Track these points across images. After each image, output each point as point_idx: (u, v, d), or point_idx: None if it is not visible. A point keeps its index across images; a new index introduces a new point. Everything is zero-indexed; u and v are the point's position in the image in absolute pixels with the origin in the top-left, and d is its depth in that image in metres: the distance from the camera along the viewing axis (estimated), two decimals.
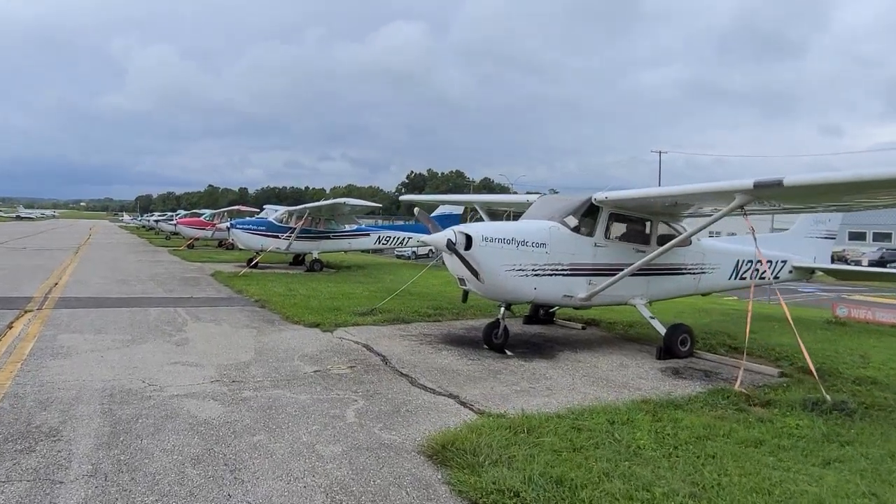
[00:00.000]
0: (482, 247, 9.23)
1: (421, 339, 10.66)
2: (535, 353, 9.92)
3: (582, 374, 8.63)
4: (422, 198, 16.68)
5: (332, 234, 25.68)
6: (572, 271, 9.92)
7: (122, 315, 12.38)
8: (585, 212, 10.10)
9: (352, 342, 10.24)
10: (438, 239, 9.39)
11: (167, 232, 51.05)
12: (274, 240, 24.45)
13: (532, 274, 9.60)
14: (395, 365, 8.75)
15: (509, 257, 9.40)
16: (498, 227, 9.73)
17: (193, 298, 15.25)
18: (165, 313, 12.77)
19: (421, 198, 16.71)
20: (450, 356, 9.43)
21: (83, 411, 6.32)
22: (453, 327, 12.08)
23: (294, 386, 7.52)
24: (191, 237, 38.79)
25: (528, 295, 9.73)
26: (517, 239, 9.46)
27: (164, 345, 9.68)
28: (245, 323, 11.88)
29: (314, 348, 9.68)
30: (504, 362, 9.15)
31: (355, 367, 8.58)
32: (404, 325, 12.03)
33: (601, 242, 10.18)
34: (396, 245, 27.52)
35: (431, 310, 13.74)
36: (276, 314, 13.08)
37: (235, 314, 12.96)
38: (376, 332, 11.16)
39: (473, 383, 7.93)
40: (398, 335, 11.00)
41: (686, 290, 11.58)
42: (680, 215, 11.10)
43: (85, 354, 8.86)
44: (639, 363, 9.41)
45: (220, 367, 8.37)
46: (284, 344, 9.96)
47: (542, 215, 10.37)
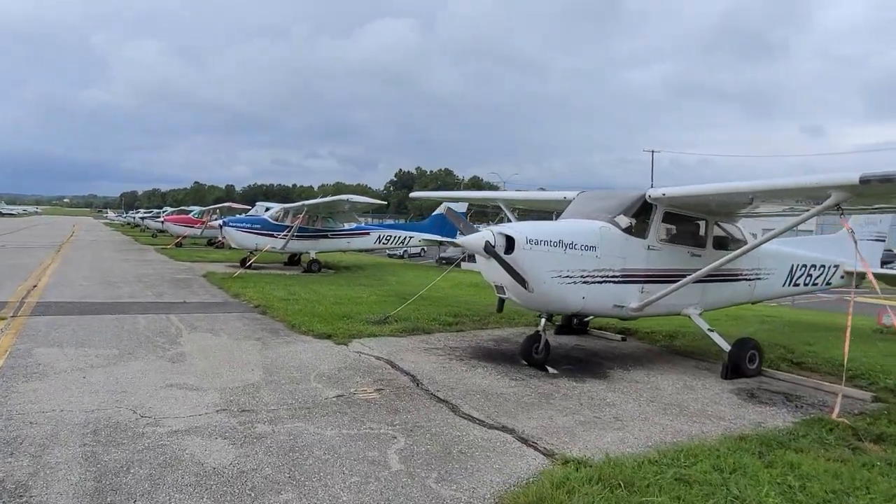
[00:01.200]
0: (526, 250, 8.03)
1: (448, 354, 9.44)
2: (582, 370, 8.73)
3: (647, 398, 7.45)
4: (435, 194, 15.33)
5: (331, 232, 24.36)
6: (624, 278, 8.74)
7: (108, 323, 11.04)
8: (637, 210, 8.93)
9: (372, 357, 9.00)
10: (474, 241, 8.18)
11: (154, 229, 49.40)
12: (269, 239, 23.09)
13: (580, 281, 8.41)
14: (429, 387, 7.53)
15: (556, 262, 8.21)
16: (542, 227, 8.53)
17: (186, 304, 13.92)
18: (156, 321, 11.45)
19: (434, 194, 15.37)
20: (487, 375, 8.22)
21: (60, 457, 5.05)
22: (480, 338, 10.87)
23: (316, 416, 6.27)
24: (179, 235, 37.29)
25: (576, 305, 8.55)
26: (565, 241, 8.27)
27: (156, 361, 8.39)
28: (247, 333, 10.59)
29: (331, 365, 8.43)
30: (552, 383, 7.95)
31: (383, 390, 7.35)
32: (425, 337, 10.80)
33: (655, 245, 9.02)
34: (397, 244, 26.26)
35: (450, 317, 12.52)
36: (279, 322, 11.80)
37: (234, 322, 11.66)
38: (396, 345, 9.93)
39: (526, 411, 6.72)
40: (421, 348, 9.77)
41: (741, 298, 10.45)
42: (737, 215, 9.96)
43: (64, 374, 7.55)
44: (704, 384, 8.25)
45: (225, 390, 7.10)
46: (296, 360, 8.70)
47: (585, 214, 9.19)
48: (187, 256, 27.62)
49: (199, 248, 34.85)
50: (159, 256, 28.40)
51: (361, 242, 25.48)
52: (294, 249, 24.02)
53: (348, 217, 24.35)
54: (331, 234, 24.37)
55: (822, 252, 11.95)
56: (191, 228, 37.40)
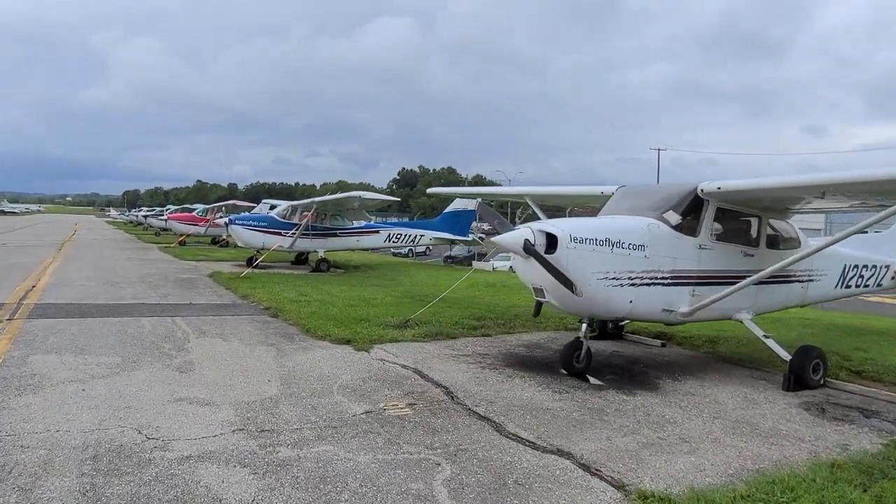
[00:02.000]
0: (570, 249, 7.28)
1: (479, 362, 8.70)
2: (628, 381, 7.98)
3: (709, 414, 6.69)
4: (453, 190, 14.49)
5: (340, 231, 23.61)
6: (674, 279, 7.99)
7: (110, 327, 10.32)
8: (687, 206, 8.17)
9: (397, 366, 8.26)
10: (511, 240, 7.43)
11: (157, 228, 48.70)
12: (277, 237, 22.34)
13: (628, 283, 7.66)
14: (465, 401, 6.79)
15: (602, 263, 7.46)
16: (587, 224, 7.78)
17: (192, 305, 13.19)
18: (162, 325, 10.72)
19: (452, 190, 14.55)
20: (527, 386, 7.47)
21: (54, 490, 4.32)
22: (509, 344, 10.12)
23: (345, 437, 5.54)
24: (182, 233, 36.56)
25: (622, 309, 7.79)
26: (612, 239, 7.52)
27: (163, 371, 7.65)
28: (259, 339, 9.85)
29: (354, 375, 7.69)
30: (601, 396, 7.20)
31: (416, 404, 6.61)
32: (451, 342, 10.05)
33: (706, 244, 8.26)
34: (408, 243, 25.50)
35: (474, 321, 11.77)
36: (293, 326, 11.06)
37: (245, 326, 10.92)
38: (422, 351, 9.19)
39: (580, 431, 5.98)
40: (449, 355, 9.03)
41: (793, 301, 9.69)
42: (791, 211, 9.21)
43: (62, 386, 6.82)
44: (767, 397, 7.49)
45: (241, 405, 6.37)
46: (315, 369, 7.96)
47: (629, 210, 8.44)
48: (192, 255, 26.90)
49: (203, 247, 34.14)
50: (163, 255, 27.69)
51: (371, 241, 24.73)
52: (302, 248, 23.29)
53: (358, 215, 23.60)
54: (340, 233, 23.63)
55: (871, 251, 11.19)
56: (195, 227, 36.68)
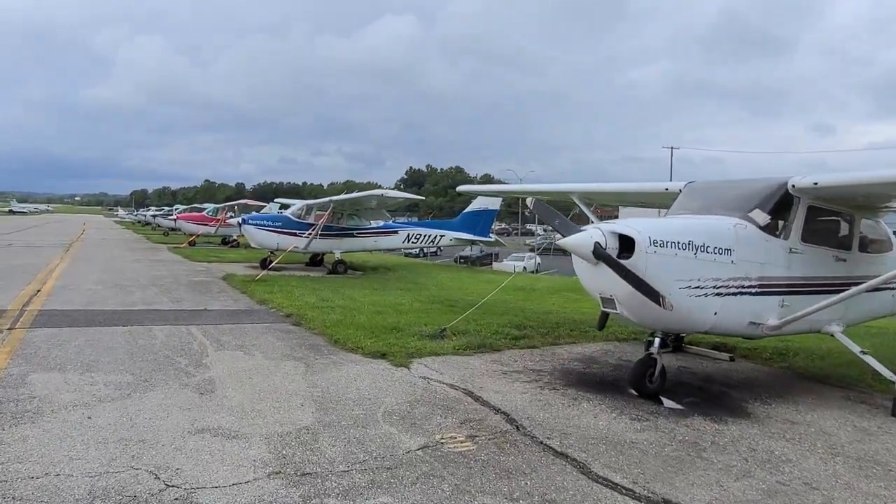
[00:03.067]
0: (649, 254, 6.30)
1: (534, 380, 7.71)
2: (711, 404, 6.97)
3: (825, 449, 5.68)
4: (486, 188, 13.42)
5: (357, 231, 22.68)
6: (761, 288, 6.98)
7: (120, 338, 9.39)
8: (775, 204, 7.16)
9: (444, 385, 7.28)
10: (579, 243, 6.45)
11: (165, 227, 48.00)
12: (291, 238, 21.44)
13: (713, 293, 6.67)
14: (534, 431, 5.81)
15: (685, 269, 6.47)
16: (666, 225, 6.80)
17: (207, 312, 12.26)
18: (176, 335, 9.79)
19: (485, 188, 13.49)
20: (598, 412, 6.47)
21: None
22: (560, 358, 9.12)
23: (404, 483, 4.57)
24: (192, 233, 35.76)
25: (705, 322, 6.80)
26: (695, 242, 6.53)
27: (180, 392, 6.70)
28: (284, 351, 8.90)
29: (398, 398, 6.72)
30: (688, 424, 6.19)
31: (477, 436, 5.63)
32: (496, 356, 9.07)
33: (797, 247, 7.25)
34: (427, 243, 24.55)
35: (514, 329, 10.79)
36: (318, 336, 10.10)
37: (266, 336, 9.98)
38: (467, 367, 8.21)
39: (680, 472, 4.99)
40: (498, 372, 8.05)
41: (884, 311, 8.68)
42: (886, 210, 8.19)
43: (64, 413, 5.88)
44: (880, 426, 6.46)
45: (273, 438, 5.41)
46: (352, 389, 7.00)
47: (706, 209, 7.45)
48: (203, 256, 26.03)
49: (214, 248, 33.32)
50: (173, 256, 26.84)
51: (389, 241, 23.78)
52: (317, 249, 22.37)
53: (375, 214, 22.64)
54: (357, 233, 22.69)
55: None
56: (205, 226, 35.85)
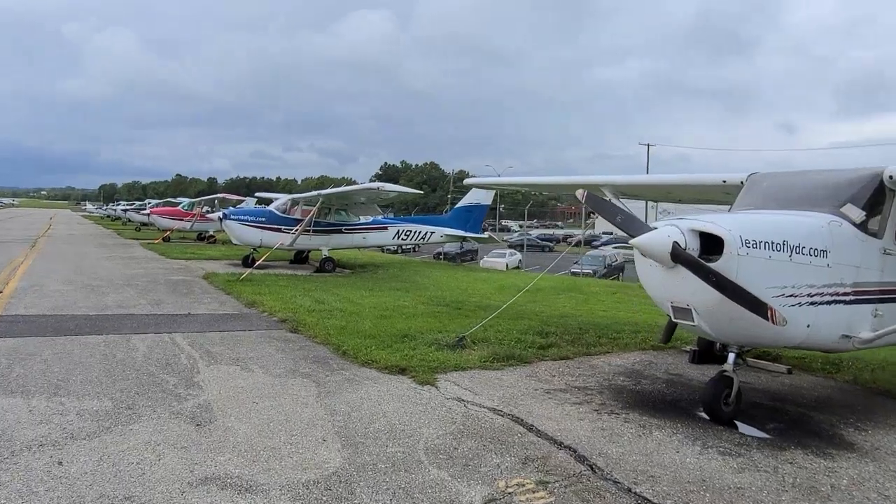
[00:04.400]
0: (742, 256, 5.29)
1: (584, 400, 6.67)
2: (800, 431, 5.98)
3: None
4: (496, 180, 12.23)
5: (345, 227, 21.46)
6: (856, 296, 6.03)
7: (94, 350, 8.13)
8: (870, 198, 6.21)
9: (485, 410, 6.19)
10: (654, 243, 5.43)
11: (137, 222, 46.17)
12: (277, 234, 20.16)
13: (807, 301, 5.69)
14: (614, 473, 4.75)
15: (779, 274, 5.49)
16: (757, 221, 5.79)
17: (192, 316, 11.00)
18: (159, 345, 8.55)
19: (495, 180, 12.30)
20: (680, 445, 5.45)
21: None
22: (600, 371, 8.09)
23: None
24: (167, 229, 34.12)
25: (797, 336, 5.82)
26: (790, 243, 5.55)
27: (172, 423, 5.52)
28: (287, 365, 7.74)
29: (437, 427, 5.62)
30: (791, 461, 5.19)
31: (549, 482, 4.56)
32: (529, 369, 8.01)
33: (891, 248, 6.32)
34: (418, 240, 23.41)
35: (537, 336, 9.74)
36: (322, 346, 8.95)
37: (263, 347, 8.79)
38: (502, 385, 7.13)
39: None
40: (540, 391, 6.98)
41: None
42: None
43: (27, 457, 4.67)
44: None
45: (298, 489, 4.28)
46: (378, 416, 5.88)
47: (780, 203, 6.48)
48: (180, 253, 24.54)
49: (190, 244, 31.77)
50: (147, 253, 25.31)
51: (379, 238, 22.61)
52: (304, 246, 21.10)
53: (365, 209, 21.44)
54: (345, 229, 21.48)
55: None
56: (180, 221, 34.25)
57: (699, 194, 8.99)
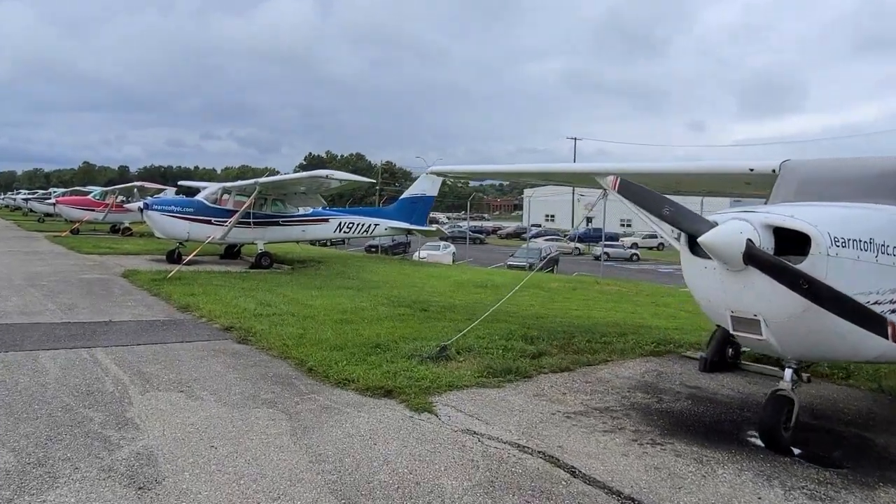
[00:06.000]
0: (832, 258, 4.37)
1: (614, 427, 5.62)
2: (871, 461, 5.13)
3: None
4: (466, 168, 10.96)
5: (282, 219, 19.77)
6: None
7: None
8: None
9: (508, 446, 5.03)
10: (724, 240, 4.44)
11: (41, 213, 42.30)
12: (207, 226, 18.26)
13: (888, 309, 4.84)
14: None
15: (866, 278, 4.62)
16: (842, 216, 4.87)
17: (114, 325, 9.29)
18: (76, 365, 6.91)
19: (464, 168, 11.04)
20: (757, 487, 4.45)
21: None
22: (611, 385, 7.08)
23: None
24: (76, 220, 31.04)
25: (877, 348, 4.94)
26: (876, 241, 4.68)
27: (101, 487, 4.06)
28: (245, 390, 6.31)
29: (457, 477, 4.41)
30: None
31: None
32: (531, 385, 6.90)
33: None
34: (360, 233, 21.92)
35: (523, 343, 8.66)
36: (281, 360, 7.53)
37: (210, 364, 7.29)
38: (511, 408, 5.99)
39: None
40: (558, 414, 5.89)
41: None
42: None
43: None
44: None
45: None
46: (378, 462, 4.61)
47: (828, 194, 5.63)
48: (93, 247, 22.08)
49: (103, 237, 29.00)
50: (54, 247, 22.67)
51: (319, 231, 21.03)
52: (237, 240, 19.32)
53: (305, 200, 19.81)
54: (282, 221, 19.79)
55: None
56: (91, 212, 31.22)
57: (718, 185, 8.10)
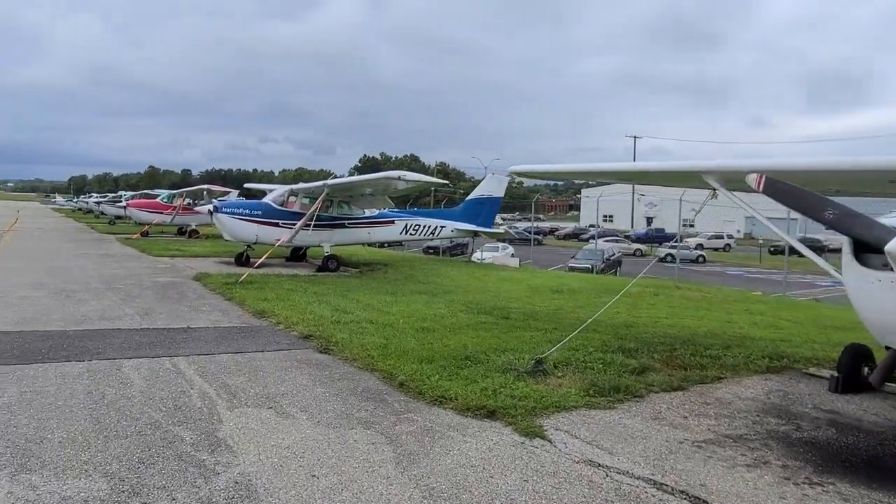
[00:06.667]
0: None
1: (757, 460, 4.92)
2: None
3: None
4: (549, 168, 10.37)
5: (349, 221, 19.51)
6: None
7: (75, 385, 6.18)
8: None
9: (642, 483, 4.40)
10: None
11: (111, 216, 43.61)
12: (274, 229, 18.15)
13: None
14: None
15: None
16: None
17: (193, 332, 9.06)
18: (161, 377, 6.63)
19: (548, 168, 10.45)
20: None
21: None
22: (735, 408, 6.34)
23: None
24: (145, 222, 31.77)
25: None
26: None
27: None
28: (336, 407, 5.87)
29: None
30: None
31: None
32: (644, 406, 6.22)
33: None
34: (427, 235, 21.52)
35: (622, 355, 7.97)
36: (368, 373, 7.09)
37: (295, 376, 6.91)
38: (629, 434, 5.36)
39: None
40: (686, 443, 5.23)
41: None
42: None
43: None
44: None
45: None
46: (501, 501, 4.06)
47: None
48: (162, 249, 22.37)
49: (171, 239, 29.53)
50: (126, 249, 23.10)
51: (385, 233, 20.70)
52: (304, 242, 19.13)
53: (370, 202, 19.52)
54: (349, 223, 19.53)
55: None
56: (160, 215, 31.89)
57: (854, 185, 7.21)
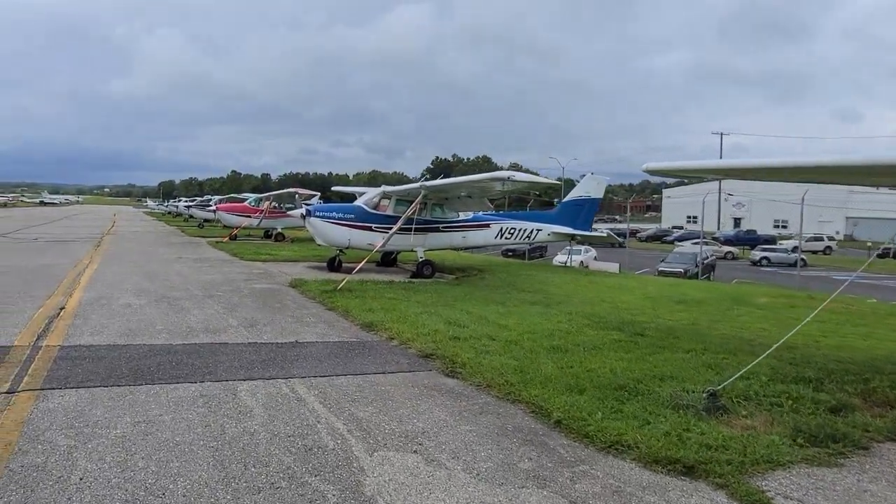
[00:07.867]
0: None
1: None
2: None
3: None
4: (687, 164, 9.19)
5: (443, 224, 18.66)
6: None
7: (191, 416, 5.46)
8: None
9: None
10: None
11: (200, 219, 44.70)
12: (367, 233, 17.51)
13: None
14: None
15: None
16: None
17: (303, 347, 8.31)
18: (281, 405, 5.84)
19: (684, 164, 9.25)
20: None
21: None
22: None
23: None
24: (234, 226, 32.11)
25: None
26: None
27: None
28: (493, 454, 4.88)
29: None
30: None
31: None
32: (880, 462, 4.92)
33: None
34: (522, 239, 20.41)
35: (805, 387, 6.63)
36: (512, 405, 6.07)
37: (430, 409, 5.96)
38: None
39: None
40: None
41: None
42: None
43: None
44: None
45: None
46: None
47: None
48: (253, 254, 22.19)
49: (258, 242, 29.66)
50: (218, 253, 23.12)
51: (480, 237, 19.74)
52: (397, 247, 18.39)
53: (465, 205, 18.60)
54: (443, 227, 18.68)
55: None
56: (248, 218, 32.18)
57: None
